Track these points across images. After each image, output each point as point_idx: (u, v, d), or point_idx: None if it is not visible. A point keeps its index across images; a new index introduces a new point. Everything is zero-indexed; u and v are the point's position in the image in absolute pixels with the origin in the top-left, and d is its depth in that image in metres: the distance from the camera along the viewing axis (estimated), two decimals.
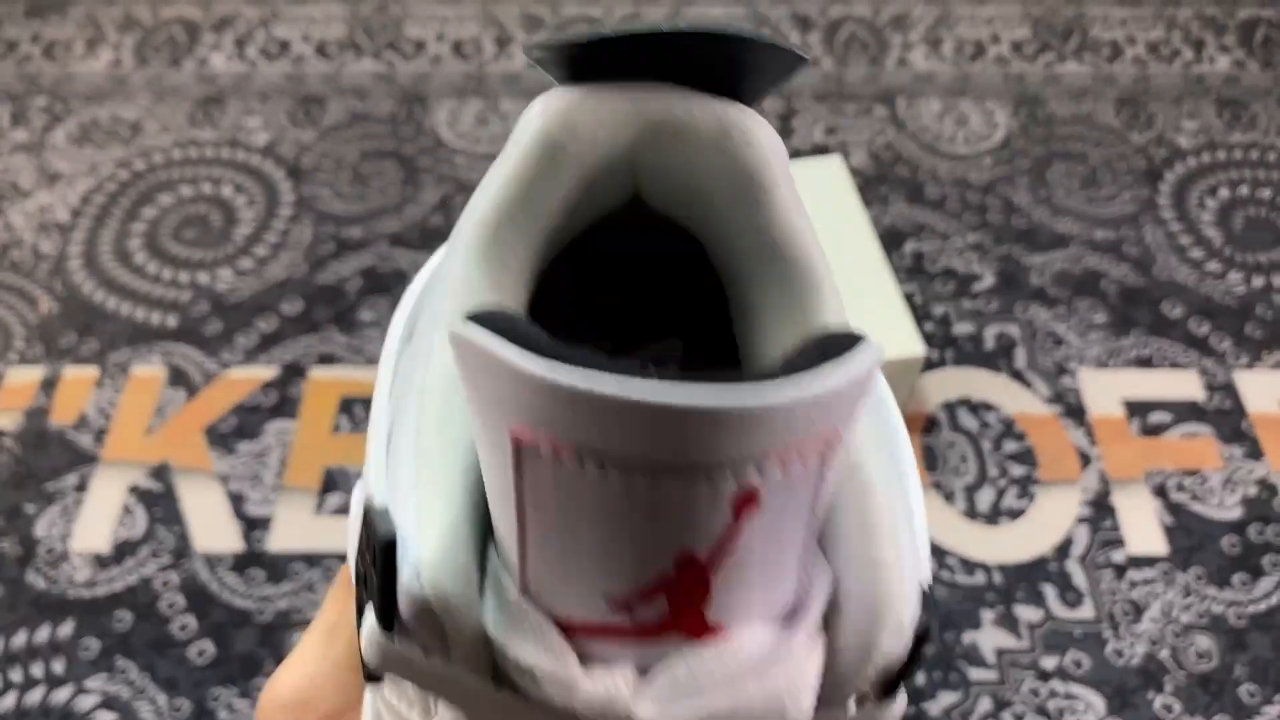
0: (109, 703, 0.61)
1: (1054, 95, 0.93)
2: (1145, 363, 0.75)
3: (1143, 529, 0.67)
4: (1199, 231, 0.83)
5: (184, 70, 0.95)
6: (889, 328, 0.66)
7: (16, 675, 0.62)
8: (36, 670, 0.62)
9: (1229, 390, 0.74)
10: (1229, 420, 0.72)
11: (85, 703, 0.61)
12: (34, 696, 0.61)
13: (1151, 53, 0.96)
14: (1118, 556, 0.66)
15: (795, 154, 0.88)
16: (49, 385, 0.74)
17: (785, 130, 0.89)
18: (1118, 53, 0.96)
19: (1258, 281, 0.80)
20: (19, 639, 0.63)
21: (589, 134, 0.20)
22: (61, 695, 0.61)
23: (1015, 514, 0.68)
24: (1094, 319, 0.77)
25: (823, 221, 0.49)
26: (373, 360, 0.75)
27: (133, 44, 0.98)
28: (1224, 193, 0.85)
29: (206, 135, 0.90)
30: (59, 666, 0.62)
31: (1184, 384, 0.74)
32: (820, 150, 0.88)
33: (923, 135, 0.89)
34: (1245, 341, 0.76)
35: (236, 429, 0.72)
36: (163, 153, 0.88)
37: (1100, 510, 0.68)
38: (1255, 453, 0.71)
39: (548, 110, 0.20)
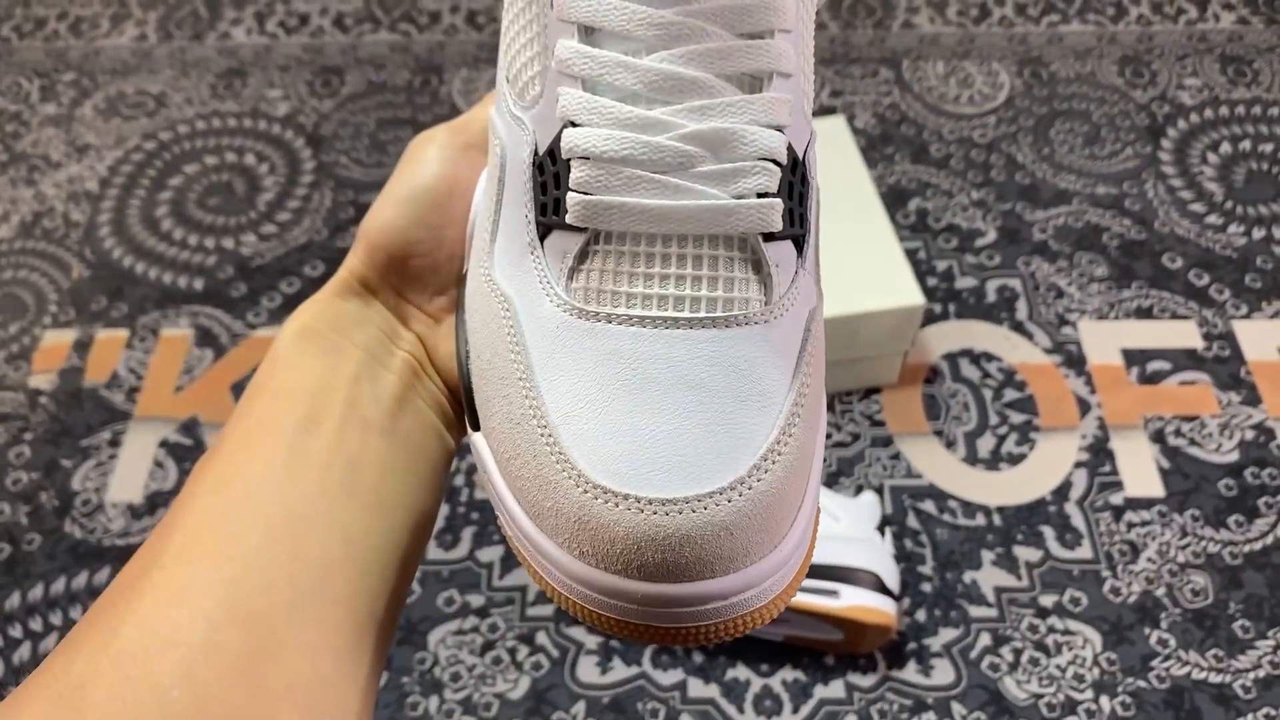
0: None
1: (1057, 55, 0.94)
2: (1145, 314, 0.77)
3: (1140, 472, 0.69)
4: (1200, 186, 0.84)
5: (206, 44, 0.98)
6: (889, 280, 0.67)
7: (56, 619, 0.65)
8: (75, 614, 0.65)
9: (1228, 339, 0.75)
10: (1227, 368, 0.74)
11: None
12: None
13: (1155, 11, 0.97)
14: (1116, 499, 0.68)
15: None
16: (82, 347, 0.77)
17: None
18: (1122, 12, 0.97)
19: (1258, 233, 0.81)
20: (58, 585, 0.66)
21: None
22: None
23: (1015, 459, 0.70)
24: (1095, 272, 0.79)
25: (826, 180, 0.51)
26: None
27: (156, 19, 1.00)
28: (1226, 148, 0.86)
29: (229, 106, 0.92)
30: None
31: (1182, 334, 0.76)
32: (827, 112, 0.90)
33: (927, 96, 0.91)
34: (1245, 292, 0.78)
35: None
36: (187, 124, 0.91)
37: (1099, 455, 0.70)
38: (1253, 399, 0.72)
39: None
